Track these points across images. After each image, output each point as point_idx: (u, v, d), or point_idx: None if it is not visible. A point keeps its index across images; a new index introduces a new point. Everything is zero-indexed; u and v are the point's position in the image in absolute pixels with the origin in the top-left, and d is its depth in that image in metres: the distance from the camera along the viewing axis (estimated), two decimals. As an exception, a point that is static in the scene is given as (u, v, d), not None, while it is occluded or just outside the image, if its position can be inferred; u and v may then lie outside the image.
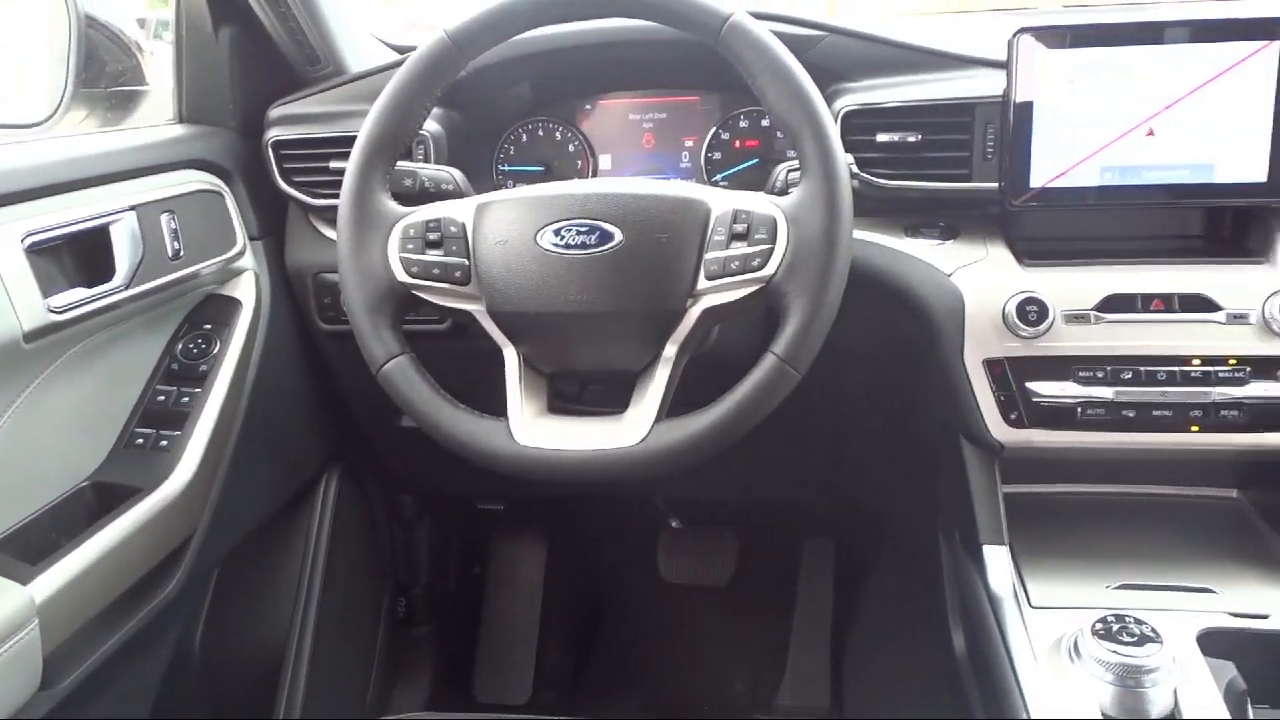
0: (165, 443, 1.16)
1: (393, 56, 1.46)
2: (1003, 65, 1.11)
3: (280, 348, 1.34)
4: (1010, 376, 1.09)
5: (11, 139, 1.12)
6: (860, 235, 1.16)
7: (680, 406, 0.96)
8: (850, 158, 1.09)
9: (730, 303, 0.94)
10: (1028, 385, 1.09)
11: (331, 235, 1.31)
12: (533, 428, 0.97)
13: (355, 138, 1.02)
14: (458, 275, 0.98)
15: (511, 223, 0.97)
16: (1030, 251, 1.15)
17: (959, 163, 1.15)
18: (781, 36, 0.95)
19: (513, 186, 1.39)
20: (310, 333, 1.40)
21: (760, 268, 0.92)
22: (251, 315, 1.27)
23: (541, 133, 1.42)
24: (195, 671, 1.36)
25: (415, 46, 1.02)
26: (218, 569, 1.36)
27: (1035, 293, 1.08)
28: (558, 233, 0.96)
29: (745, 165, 1.38)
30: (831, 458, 1.59)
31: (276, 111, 1.33)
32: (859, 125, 1.16)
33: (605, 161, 1.42)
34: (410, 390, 0.99)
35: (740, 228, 0.93)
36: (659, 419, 0.95)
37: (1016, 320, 1.08)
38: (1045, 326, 1.07)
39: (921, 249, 1.16)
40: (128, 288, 1.08)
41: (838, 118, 1.15)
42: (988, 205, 1.17)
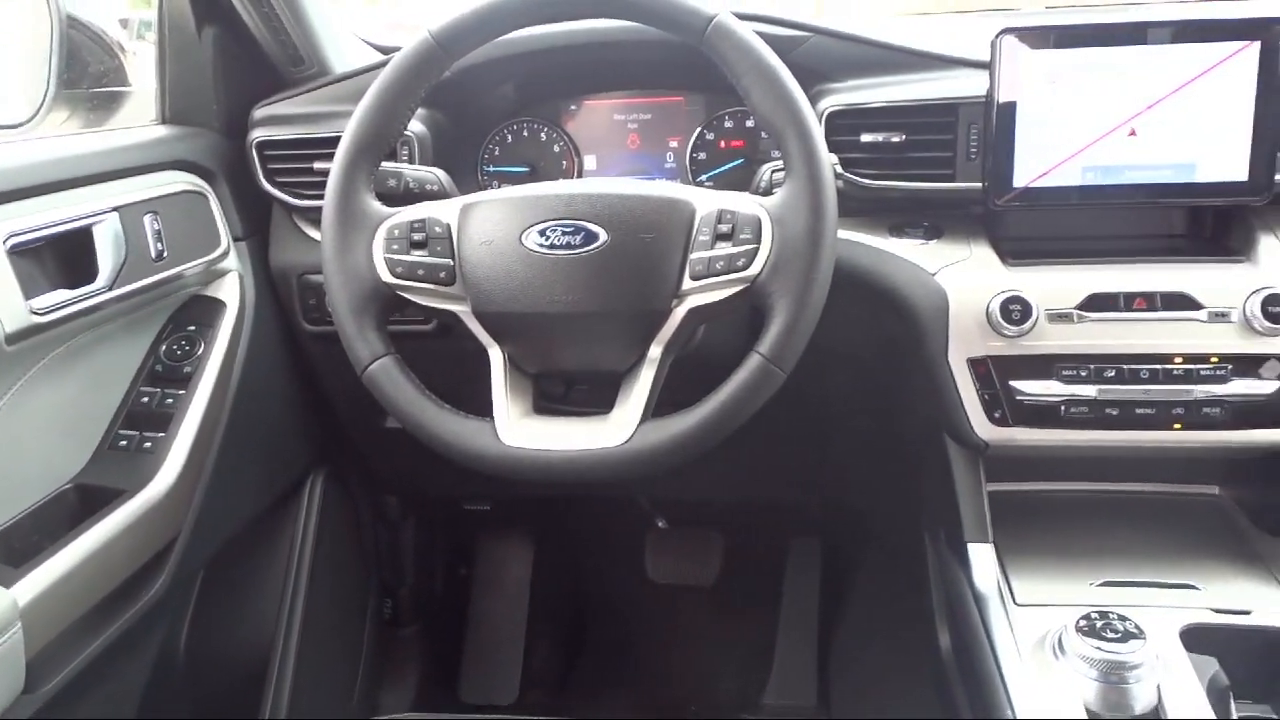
0: (149, 444, 1.15)
1: (377, 57, 1.45)
2: (986, 66, 1.11)
3: (265, 349, 1.34)
4: (994, 375, 1.10)
5: (-7, 140, 1.11)
6: (845, 235, 1.16)
7: (666, 407, 0.96)
8: (834, 158, 1.10)
9: (715, 303, 0.94)
10: (1012, 384, 1.09)
11: (316, 236, 1.31)
12: (518, 428, 0.97)
13: (339, 138, 1.01)
14: (443, 276, 0.98)
15: (496, 223, 0.97)
16: (1014, 251, 1.15)
17: (943, 163, 1.16)
18: (766, 37, 0.96)
19: (498, 187, 1.39)
20: (295, 334, 1.40)
21: (745, 268, 0.92)
22: (235, 316, 1.27)
23: (526, 133, 1.42)
24: (180, 674, 1.35)
25: (399, 47, 1.02)
26: (202, 571, 1.35)
27: (1019, 292, 1.09)
28: (543, 233, 0.96)
29: (730, 165, 1.38)
30: (817, 457, 1.60)
31: (260, 112, 1.33)
32: (843, 125, 1.16)
33: (590, 162, 1.42)
34: (395, 391, 0.98)
35: (725, 228, 0.94)
36: (644, 419, 0.95)
37: (1000, 319, 1.08)
38: (1029, 325, 1.08)
39: (906, 249, 1.17)
40: (111, 289, 1.08)
41: (822, 118, 1.16)
42: (971, 205, 1.17)
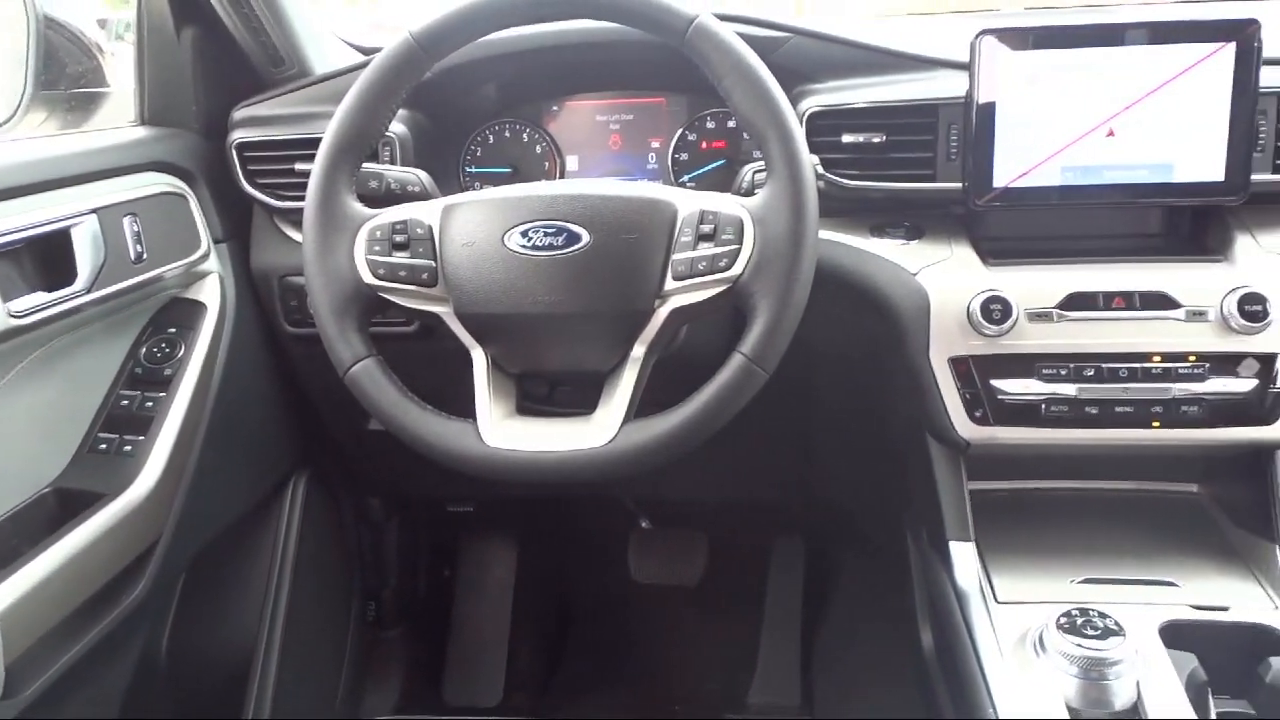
0: (129, 448, 1.15)
1: (358, 58, 1.45)
2: (965, 67, 1.12)
3: (246, 351, 1.33)
4: (975, 374, 1.10)
5: (-31, 142, 1.11)
6: (826, 235, 1.17)
7: (649, 407, 0.96)
8: (815, 158, 1.09)
9: (698, 303, 0.94)
10: (992, 383, 1.10)
11: (297, 237, 1.30)
12: (501, 429, 0.96)
13: (320, 140, 1.01)
14: (425, 277, 0.98)
15: (479, 224, 0.97)
16: (994, 251, 1.16)
17: (923, 163, 1.16)
18: (747, 38, 0.96)
19: (480, 188, 1.39)
20: (276, 336, 1.39)
21: (727, 268, 0.93)
22: (216, 318, 1.26)
23: (508, 134, 1.41)
24: (162, 677, 1.34)
25: (380, 48, 1.02)
26: (184, 574, 1.34)
27: (999, 291, 1.09)
28: (525, 234, 0.96)
29: (712, 166, 1.38)
30: (800, 457, 1.60)
31: (240, 113, 1.32)
32: (824, 126, 1.16)
33: (572, 163, 1.42)
34: (378, 393, 0.98)
35: (707, 228, 0.94)
36: (627, 419, 0.95)
37: (981, 319, 1.09)
38: (1009, 325, 1.08)
39: (887, 249, 1.17)
40: (89, 291, 1.07)
41: (803, 119, 1.16)
42: (952, 205, 1.18)
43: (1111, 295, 1.09)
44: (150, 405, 1.18)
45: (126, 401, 1.18)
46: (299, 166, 1.25)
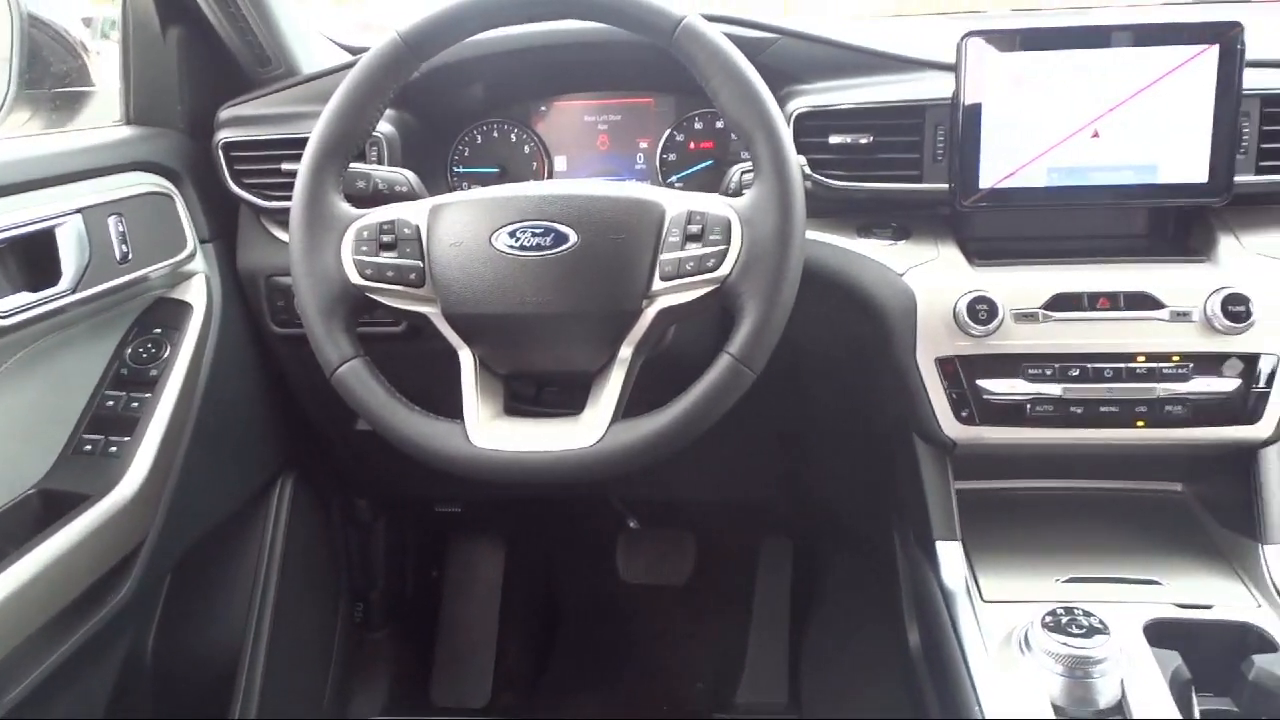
0: (115, 449, 1.14)
1: (345, 58, 1.45)
2: (952, 68, 1.12)
3: (232, 351, 1.33)
4: (961, 374, 1.11)
5: (-47, 141, 1.10)
6: (813, 236, 1.17)
7: (637, 407, 0.96)
8: (803, 159, 1.10)
9: (685, 303, 0.95)
10: (979, 383, 1.10)
11: (284, 237, 1.31)
12: (489, 429, 0.96)
13: (307, 139, 1.01)
14: (412, 277, 0.98)
15: (466, 225, 0.97)
16: (980, 251, 1.16)
17: (910, 164, 1.17)
18: (734, 39, 0.96)
19: (467, 188, 1.39)
20: (263, 336, 1.39)
21: (715, 268, 0.93)
22: (202, 319, 1.26)
23: (496, 134, 1.41)
24: (147, 679, 1.34)
25: (368, 48, 1.01)
26: (170, 576, 1.34)
27: (985, 292, 1.10)
28: (513, 234, 0.96)
29: (700, 167, 1.39)
30: (788, 456, 1.60)
31: (226, 113, 1.32)
32: (811, 127, 1.17)
33: (560, 163, 1.42)
34: (365, 393, 0.98)
35: (695, 229, 0.94)
36: (615, 420, 0.95)
37: (967, 319, 1.09)
38: (995, 325, 1.09)
39: (874, 249, 1.18)
40: (74, 292, 1.06)
41: (790, 120, 1.16)
42: (938, 206, 1.18)
43: (1096, 296, 1.09)
44: (136, 406, 1.17)
45: (112, 402, 1.17)
46: (286, 166, 1.25)
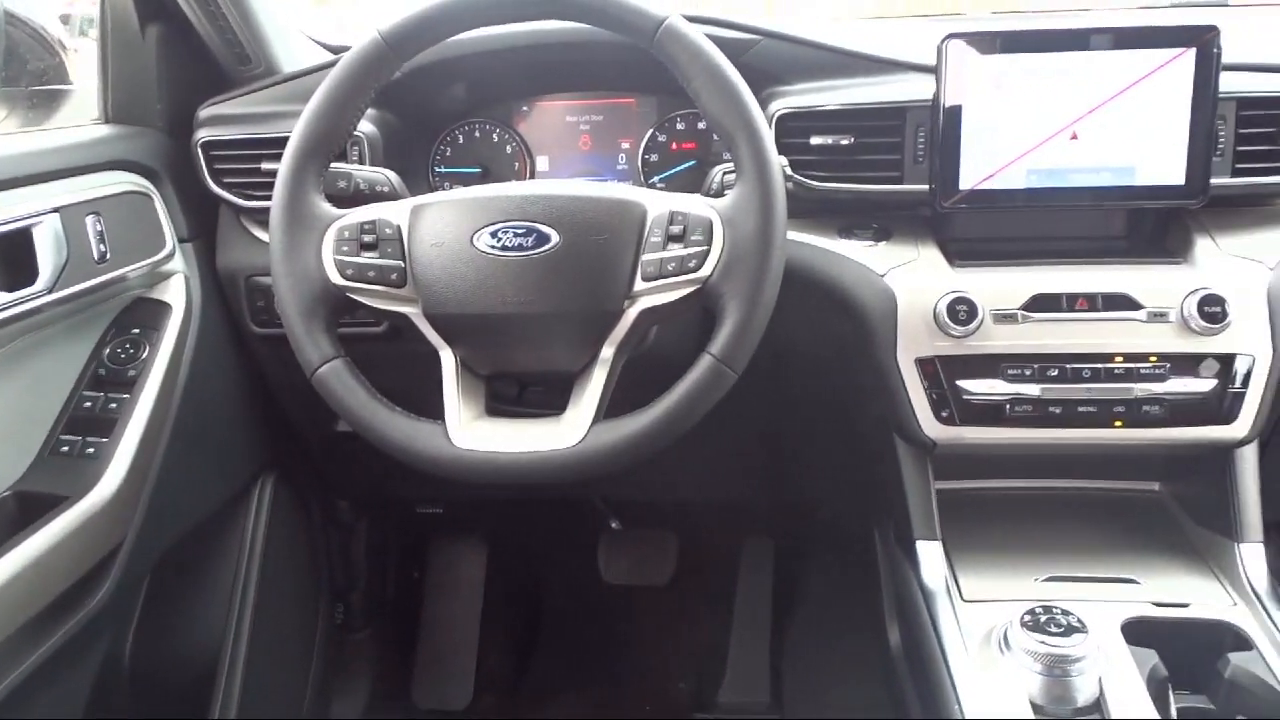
0: (92, 450, 1.13)
1: (326, 57, 1.44)
2: (933, 70, 1.13)
3: (212, 352, 1.32)
4: (941, 375, 1.11)
5: (-72, 139, 1.09)
6: (795, 237, 1.17)
7: (620, 407, 0.96)
8: (784, 160, 1.10)
9: (667, 304, 0.95)
10: (958, 383, 1.11)
11: (264, 237, 1.29)
12: (470, 430, 0.96)
13: (287, 139, 1.00)
14: (393, 277, 0.98)
15: (448, 225, 0.97)
16: (960, 252, 1.17)
17: (891, 165, 1.17)
18: (716, 40, 0.96)
19: (449, 188, 1.38)
20: (243, 336, 1.38)
21: (697, 269, 0.93)
22: (181, 319, 1.25)
23: (478, 134, 1.41)
24: (126, 682, 1.33)
25: (349, 47, 1.01)
26: (149, 577, 1.33)
27: (965, 293, 1.10)
28: (494, 235, 0.95)
29: (682, 167, 1.39)
30: (769, 457, 1.61)
31: (206, 112, 1.31)
32: (793, 128, 1.17)
33: (543, 163, 1.42)
34: (346, 394, 0.98)
35: (677, 229, 0.94)
36: (597, 420, 0.95)
37: (947, 320, 1.10)
38: (975, 326, 1.10)
39: (855, 250, 1.18)
40: (51, 291, 1.06)
41: (772, 121, 1.17)
42: (919, 207, 1.19)
43: (1075, 296, 1.10)
44: (114, 406, 1.16)
45: (89, 403, 1.16)
46: (266, 166, 1.24)
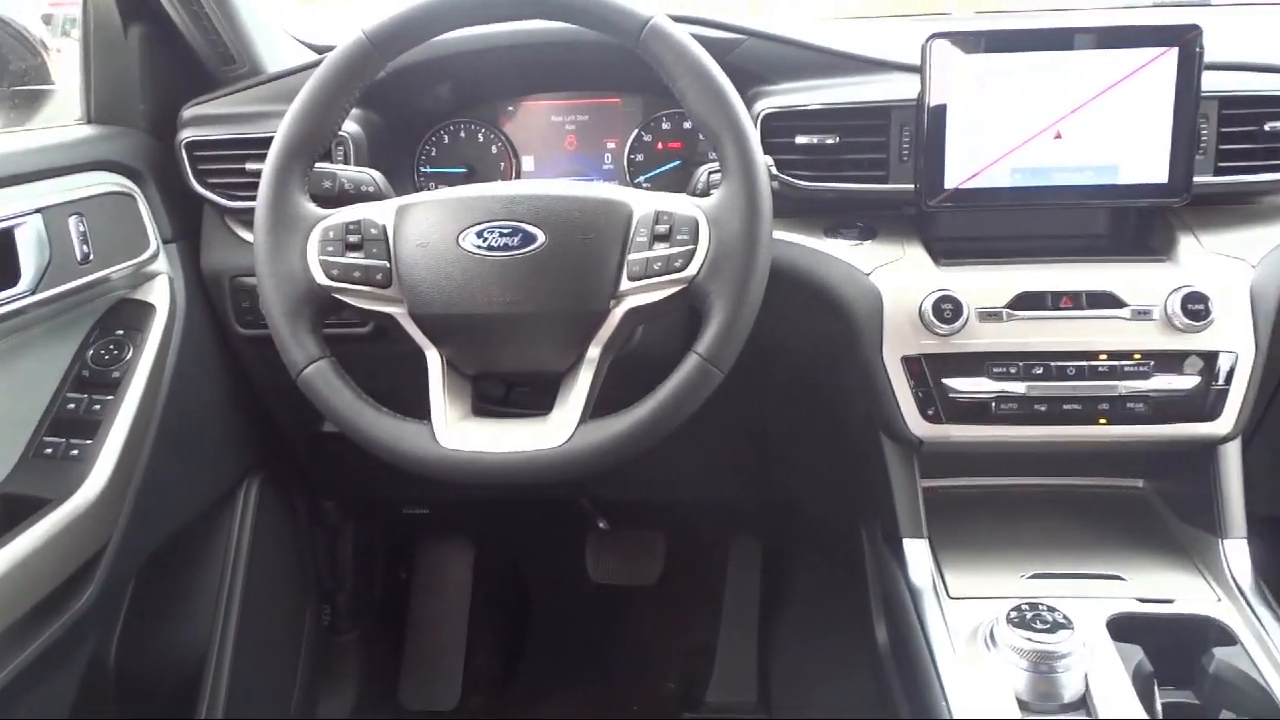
0: (76, 452, 1.13)
1: (310, 56, 1.43)
2: (917, 69, 1.13)
3: (197, 353, 1.31)
4: (927, 373, 1.11)
5: (-92, 139, 1.08)
6: (781, 236, 1.17)
7: (607, 407, 0.96)
8: (770, 159, 1.11)
9: (653, 303, 0.95)
10: (944, 381, 1.11)
11: (249, 238, 1.29)
12: (456, 430, 0.96)
13: (272, 139, 1.00)
14: (378, 278, 0.97)
15: (433, 225, 0.97)
16: (945, 251, 1.17)
17: (876, 164, 1.17)
18: (701, 40, 0.96)
19: (435, 189, 1.38)
20: (228, 337, 1.37)
21: (682, 268, 0.93)
22: (166, 320, 1.24)
23: (463, 134, 1.41)
24: (111, 685, 1.32)
25: (334, 46, 1.01)
26: (134, 579, 1.32)
27: (950, 291, 1.11)
28: (480, 235, 0.95)
29: (668, 167, 1.39)
30: (756, 456, 1.61)
31: (190, 112, 1.31)
32: (778, 127, 1.17)
33: (528, 163, 1.41)
34: (331, 394, 0.97)
35: (662, 229, 0.94)
36: (583, 420, 0.95)
37: (933, 318, 1.10)
38: (960, 324, 1.10)
39: (841, 249, 1.18)
40: (34, 293, 1.05)
41: (757, 120, 1.17)
42: (904, 206, 1.19)
43: (1059, 295, 1.11)
44: (98, 408, 1.15)
45: (73, 405, 1.16)
46: (250, 166, 1.24)
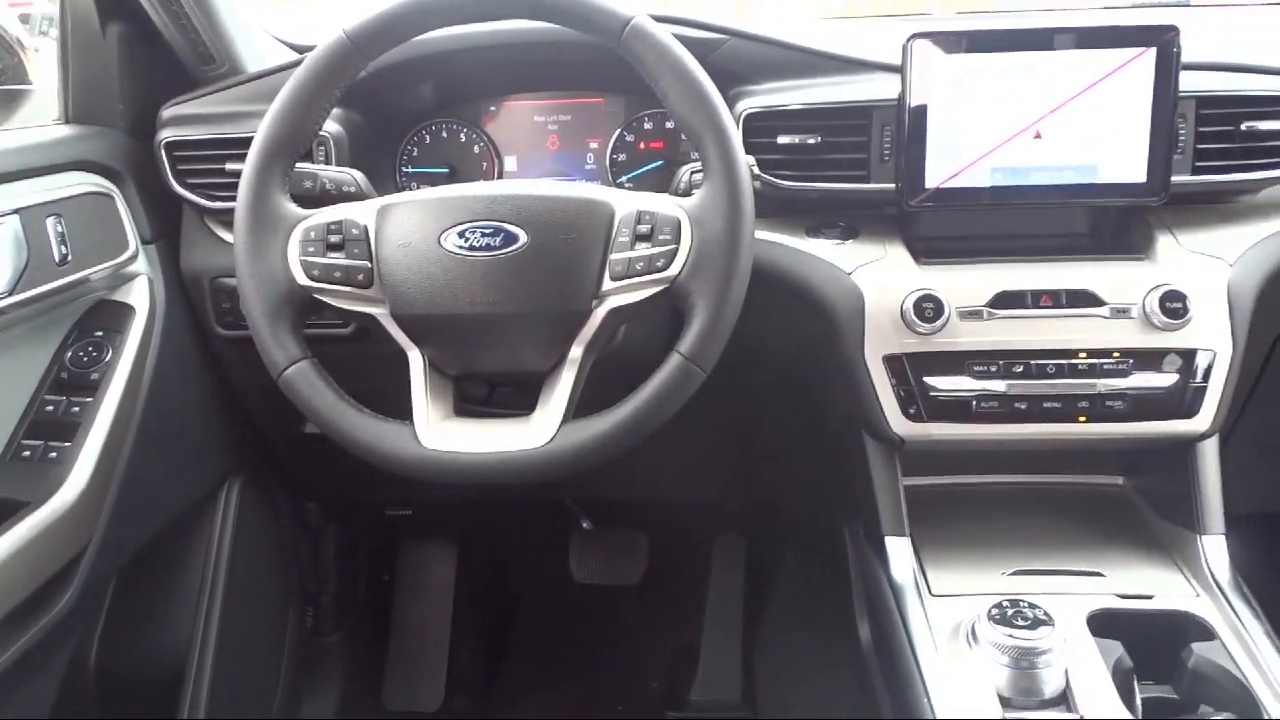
0: (55, 454, 1.12)
1: (291, 56, 1.43)
2: (899, 69, 1.13)
3: (177, 354, 1.31)
4: (909, 372, 1.12)
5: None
6: (762, 235, 1.18)
7: (588, 407, 0.96)
8: (751, 159, 1.10)
9: (635, 303, 0.95)
10: (925, 380, 1.12)
11: (229, 238, 1.28)
12: (439, 431, 0.96)
13: (252, 139, 0.99)
14: (360, 278, 0.97)
15: (415, 225, 0.96)
16: (926, 250, 1.18)
17: (857, 164, 1.18)
18: (683, 40, 0.96)
19: (417, 189, 1.38)
20: (208, 338, 1.37)
21: (664, 268, 0.93)
22: (145, 321, 1.24)
23: (445, 134, 1.41)
24: (92, 686, 1.31)
25: (314, 46, 1.00)
26: (114, 582, 1.31)
27: (931, 290, 1.11)
28: (462, 235, 0.95)
29: (650, 167, 1.39)
30: (739, 455, 1.61)
31: (169, 112, 1.30)
32: (760, 127, 1.17)
33: (511, 163, 1.41)
34: (313, 395, 0.97)
35: (644, 229, 0.94)
36: (566, 420, 0.95)
37: (914, 317, 1.11)
38: (941, 323, 1.10)
39: (823, 249, 1.19)
40: (11, 294, 1.04)
41: (739, 120, 1.17)
42: (885, 206, 1.20)
43: (1039, 293, 1.11)
44: (76, 410, 1.15)
45: (51, 407, 1.15)
46: (230, 166, 1.23)
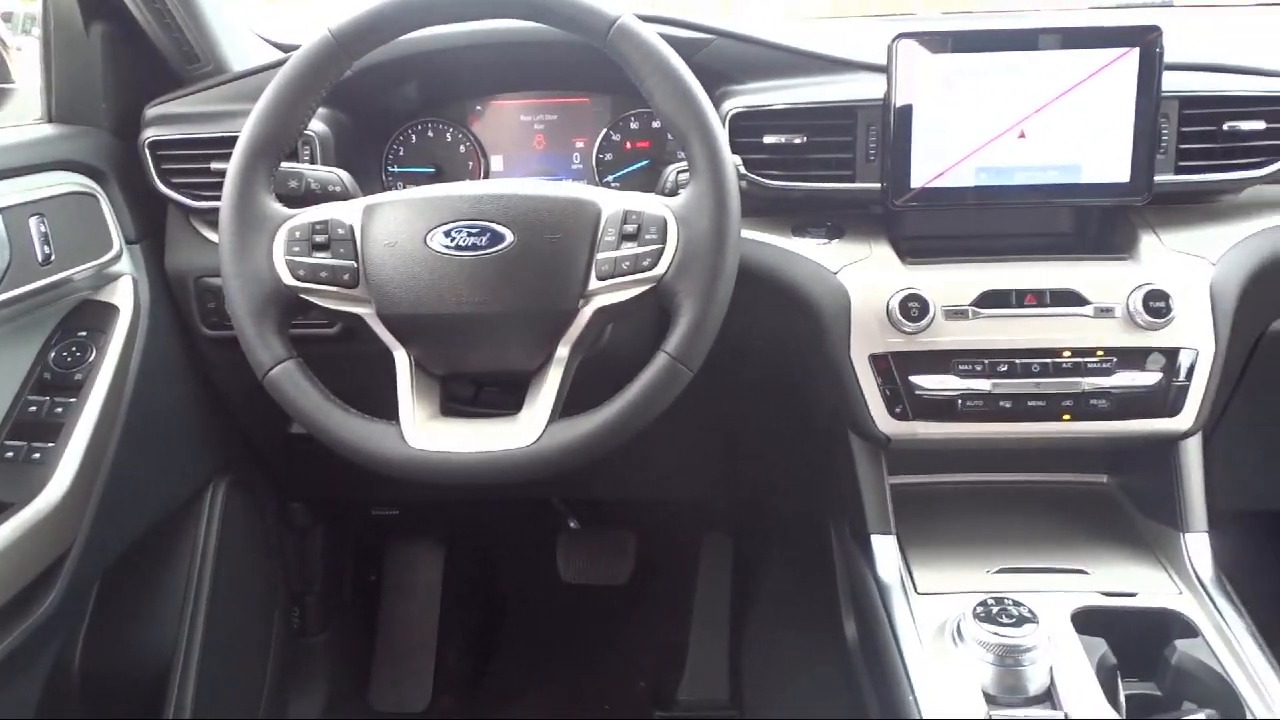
0: (38, 455, 1.11)
1: (276, 55, 1.42)
2: (884, 69, 1.14)
3: (161, 354, 1.30)
4: (894, 371, 1.12)
5: None
6: (749, 235, 1.18)
7: (575, 406, 0.96)
8: (738, 159, 1.11)
9: (622, 302, 0.95)
10: (911, 379, 1.12)
11: (214, 238, 1.28)
12: (425, 431, 0.96)
13: (237, 138, 0.99)
14: (346, 278, 0.97)
15: (401, 224, 0.96)
16: (912, 250, 1.18)
17: (843, 164, 1.18)
18: (669, 39, 0.96)
19: (402, 188, 1.37)
20: (193, 338, 1.36)
21: (651, 267, 0.93)
22: (130, 321, 1.23)
23: (431, 134, 1.40)
24: (76, 688, 1.30)
25: (299, 45, 1.00)
26: (99, 583, 1.30)
27: (917, 289, 1.12)
28: (448, 234, 0.95)
29: (636, 166, 1.39)
30: (726, 454, 1.61)
31: (153, 111, 1.29)
32: (746, 127, 1.18)
33: (497, 163, 1.41)
34: (299, 396, 0.97)
35: (631, 228, 0.94)
36: (553, 419, 0.95)
37: (900, 316, 1.11)
38: (926, 322, 1.11)
39: (808, 248, 1.19)
40: (-7, 294, 1.04)
41: (725, 119, 1.17)
42: (871, 205, 1.20)
43: (1024, 293, 1.12)
44: (60, 411, 1.14)
45: (34, 408, 1.14)
46: (215, 165, 1.23)
